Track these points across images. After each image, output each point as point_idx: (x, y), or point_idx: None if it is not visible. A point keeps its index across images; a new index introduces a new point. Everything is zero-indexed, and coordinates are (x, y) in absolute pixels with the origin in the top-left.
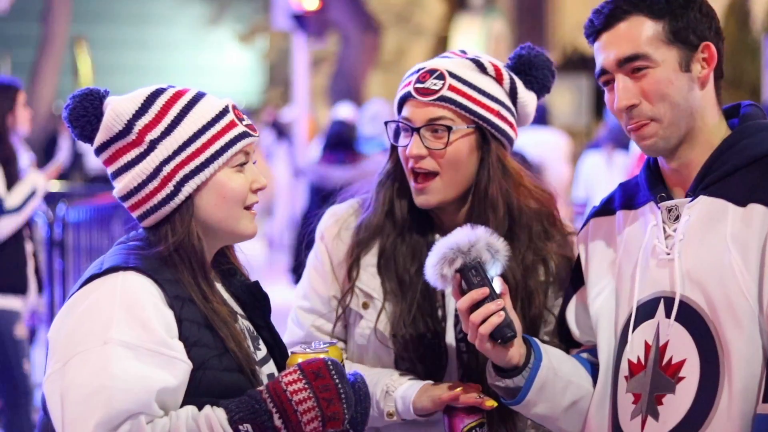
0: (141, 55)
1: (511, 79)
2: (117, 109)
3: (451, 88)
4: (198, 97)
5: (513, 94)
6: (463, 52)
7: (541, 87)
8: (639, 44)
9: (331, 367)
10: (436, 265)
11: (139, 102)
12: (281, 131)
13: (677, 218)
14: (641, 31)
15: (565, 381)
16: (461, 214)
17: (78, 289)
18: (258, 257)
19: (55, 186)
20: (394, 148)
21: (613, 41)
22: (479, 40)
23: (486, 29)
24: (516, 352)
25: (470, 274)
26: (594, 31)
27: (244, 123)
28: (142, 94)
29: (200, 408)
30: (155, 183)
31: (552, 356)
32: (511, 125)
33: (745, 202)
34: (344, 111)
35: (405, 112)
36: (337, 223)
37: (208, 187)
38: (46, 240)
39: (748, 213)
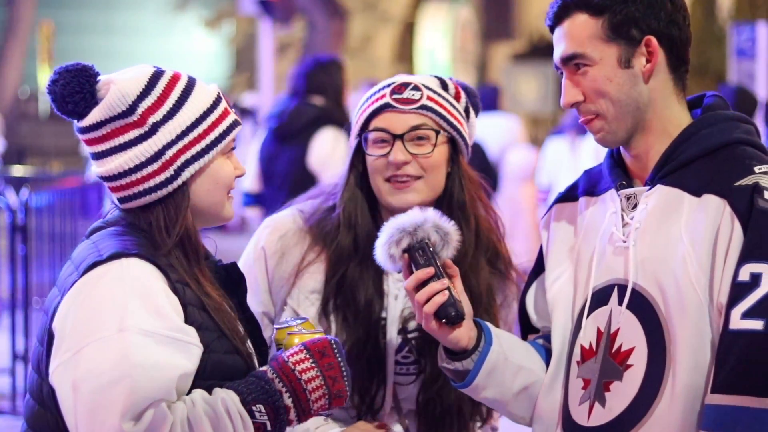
0: (107, 41)
1: (467, 99)
2: (123, 89)
3: (430, 98)
4: (192, 82)
5: (467, 113)
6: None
7: (476, 112)
8: (578, 43)
9: (334, 345)
10: (384, 245)
11: (143, 83)
12: (243, 112)
13: (635, 206)
14: (581, 30)
15: (516, 366)
16: None
17: (80, 277)
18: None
19: (19, 171)
20: (352, 165)
21: (559, 38)
22: (446, 27)
23: (452, 16)
24: (465, 334)
25: (417, 254)
26: (548, 26)
27: (233, 111)
28: (145, 75)
29: (207, 391)
30: (155, 166)
31: (503, 341)
32: (467, 141)
33: (699, 193)
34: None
35: (380, 123)
36: (280, 240)
37: (204, 173)
38: (8, 225)
39: (702, 203)
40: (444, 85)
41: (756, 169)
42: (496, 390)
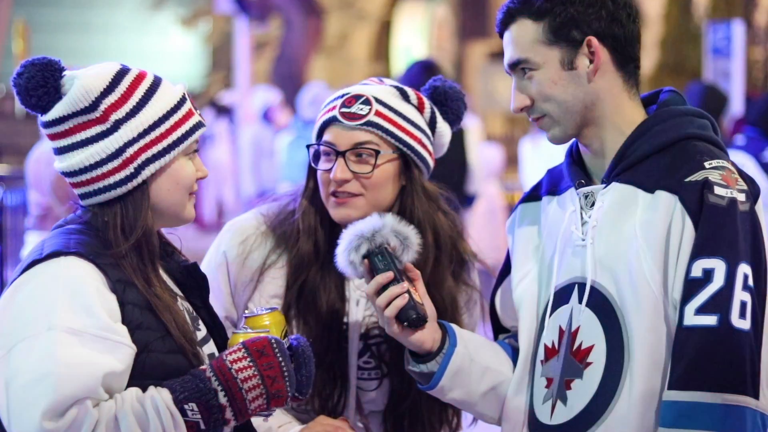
0: (83, 39)
1: (432, 108)
2: (86, 85)
3: (378, 113)
4: (158, 81)
5: (432, 123)
6: (380, 80)
7: (455, 118)
8: (521, 49)
9: (274, 345)
10: (344, 252)
11: (107, 80)
12: (220, 110)
13: (593, 204)
14: (524, 35)
15: (482, 367)
16: None
17: (19, 275)
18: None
19: None
20: (312, 171)
21: (506, 45)
22: (422, 26)
23: (429, 15)
24: (428, 336)
25: (376, 259)
26: (498, 33)
27: (198, 112)
28: (110, 72)
29: (145, 390)
30: (115, 163)
31: (469, 343)
32: (430, 153)
33: (652, 189)
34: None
35: (328, 136)
36: (242, 245)
37: (165, 173)
38: None
39: (655, 200)
40: (405, 96)
41: (706, 164)
42: (462, 391)
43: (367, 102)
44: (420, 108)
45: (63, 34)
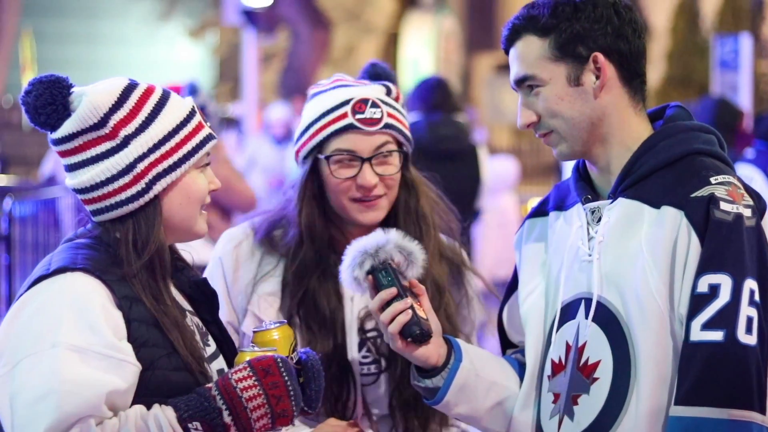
0: (91, 50)
1: (402, 97)
2: (94, 102)
3: (390, 115)
4: (166, 95)
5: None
6: (360, 79)
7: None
8: (527, 65)
9: (280, 364)
10: (348, 268)
11: (115, 96)
12: (228, 122)
13: (600, 220)
14: (530, 51)
15: (488, 382)
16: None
17: (26, 291)
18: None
19: (2, 180)
20: (307, 182)
21: (512, 61)
22: (429, 38)
23: (436, 27)
24: (434, 352)
25: (380, 275)
26: (503, 49)
27: (208, 124)
28: (117, 88)
29: (149, 408)
30: (126, 179)
31: (474, 358)
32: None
33: (658, 204)
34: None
35: (344, 143)
36: (235, 250)
37: (177, 187)
38: None
39: (661, 215)
40: (388, 92)
41: (712, 180)
42: (468, 406)
43: (375, 105)
44: (397, 99)
45: (70, 45)
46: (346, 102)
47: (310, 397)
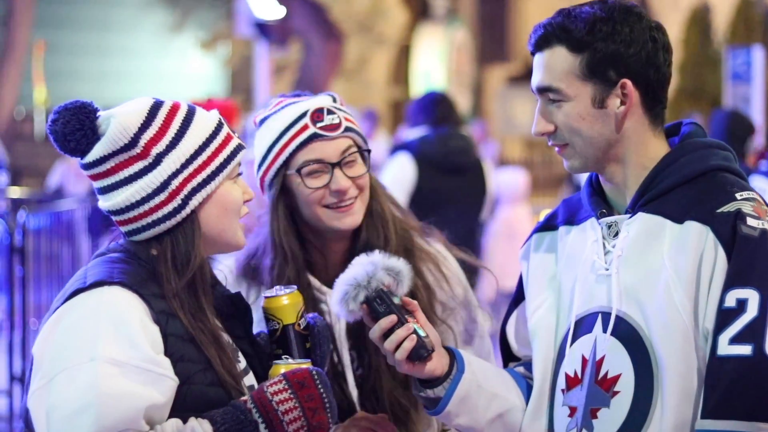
0: (103, 62)
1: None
2: (124, 123)
3: (347, 119)
4: (193, 110)
5: None
6: (295, 95)
7: None
8: (554, 76)
9: (315, 376)
10: (341, 302)
11: (143, 115)
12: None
13: (617, 234)
14: (559, 63)
15: (489, 394)
16: (356, 239)
17: (62, 304)
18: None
19: (16, 192)
20: (278, 202)
21: (537, 67)
22: (441, 50)
23: (448, 39)
24: (438, 363)
25: (375, 304)
26: (530, 51)
27: (236, 135)
28: (144, 107)
29: (185, 422)
30: (162, 197)
31: (476, 369)
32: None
33: (682, 219)
34: None
35: (312, 153)
36: (230, 275)
37: (212, 200)
38: (6, 246)
39: (685, 230)
40: (334, 99)
41: (737, 195)
42: (469, 417)
43: (331, 112)
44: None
45: (82, 57)
46: (303, 114)
47: (316, 362)
